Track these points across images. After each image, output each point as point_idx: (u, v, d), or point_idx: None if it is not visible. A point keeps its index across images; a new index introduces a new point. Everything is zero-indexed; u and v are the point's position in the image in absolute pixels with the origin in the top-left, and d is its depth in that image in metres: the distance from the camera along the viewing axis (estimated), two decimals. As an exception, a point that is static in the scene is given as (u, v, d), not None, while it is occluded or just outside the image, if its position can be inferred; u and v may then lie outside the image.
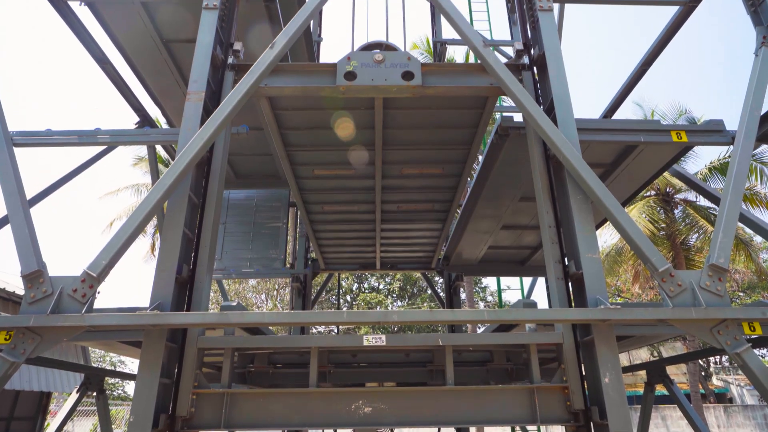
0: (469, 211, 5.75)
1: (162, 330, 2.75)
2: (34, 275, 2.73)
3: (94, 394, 4.79)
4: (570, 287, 3.12)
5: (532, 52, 3.93)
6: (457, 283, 8.36)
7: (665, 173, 4.94)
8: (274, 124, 4.36)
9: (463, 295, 16.00)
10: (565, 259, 3.21)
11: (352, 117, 4.35)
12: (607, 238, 18.07)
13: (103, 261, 2.73)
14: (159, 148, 10.16)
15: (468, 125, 4.51)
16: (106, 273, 2.75)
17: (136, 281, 72.14)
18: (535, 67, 3.88)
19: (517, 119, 4.14)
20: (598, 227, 6.17)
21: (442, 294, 10.51)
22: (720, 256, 2.91)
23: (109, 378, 5.37)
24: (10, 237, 2.91)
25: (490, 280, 27.77)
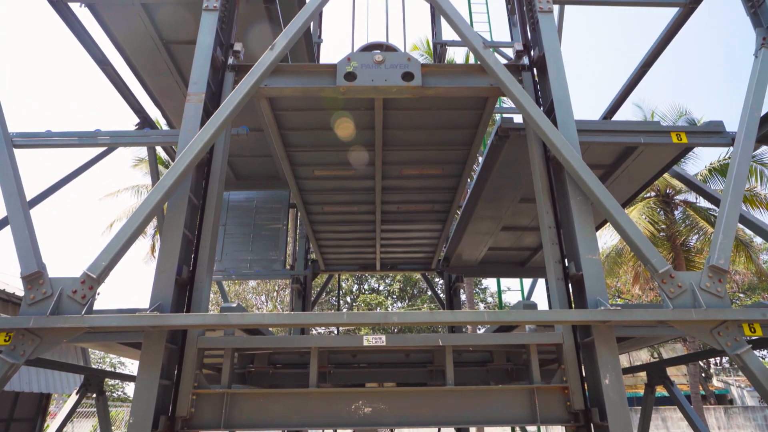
0: (469, 212, 5.75)
1: (162, 331, 2.75)
2: (33, 276, 2.73)
3: (94, 395, 4.79)
4: (570, 288, 3.12)
5: (532, 53, 3.93)
6: (457, 285, 8.36)
7: (665, 174, 4.94)
8: (274, 124, 4.36)
9: (463, 297, 16.01)
10: (565, 260, 3.22)
11: (352, 117, 4.35)
12: (607, 239, 18.07)
13: (103, 262, 2.74)
14: (159, 150, 10.16)
15: (468, 126, 4.51)
16: (106, 274, 2.75)
17: (136, 282, 72.16)
18: (535, 68, 3.88)
19: (517, 120, 4.14)
20: (598, 228, 6.17)
21: (442, 295, 10.52)
22: (720, 257, 2.91)
23: (108, 379, 5.36)
24: (10, 238, 2.91)
25: (490, 282, 27.78)
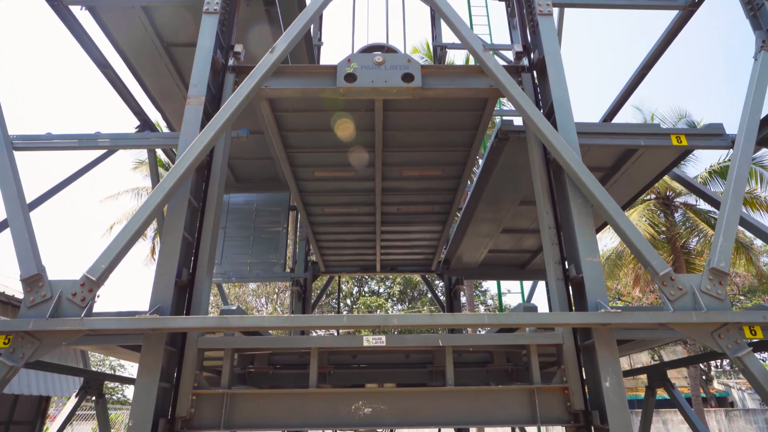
0: (469, 214, 5.75)
1: (161, 334, 2.74)
2: (33, 279, 2.72)
3: (93, 398, 4.78)
4: (570, 291, 3.12)
5: (531, 55, 3.94)
6: (458, 287, 8.35)
7: (665, 177, 4.94)
8: (274, 125, 4.36)
9: (463, 299, 15.98)
10: (566, 261, 3.21)
11: (352, 118, 4.35)
12: (607, 241, 18.04)
13: (103, 265, 2.73)
14: (159, 152, 10.16)
15: (468, 127, 4.52)
16: (106, 277, 2.74)
17: (136, 285, 72.11)
18: (534, 70, 3.89)
19: (517, 123, 4.15)
20: (598, 231, 6.17)
21: (442, 297, 10.50)
22: (720, 259, 2.90)
23: (108, 382, 5.35)
24: (10, 240, 2.91)
25: (490, 284, 27.76)
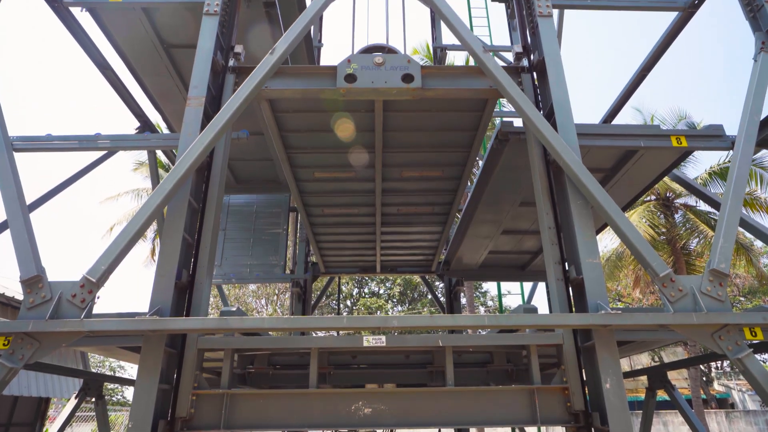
0: (470, 215, 5.75)
1: (161, 335, 2.74)
2: (33, 280, 2.72)
3: (93, 399, 4.78)
4: (571, 292, 3.12)
5: (531, 56, 3.94)
6: (458, 288, 8.35)
7: (665, 178, 4.94)
8: (274, 126, 4.37)
9: (463, 300, 15.97)
10: (566, 262, 3.21)
11: (352, 119, 4.36)
12: (607, 242, 18.03)
13: (103, 266, 2.73)
14: (159, 153, 10.16)
15: (468, 128, 4.52)
16: (106, 278, 2.74)
17: (136, 286, 72.08)
18: (534, 72, 3.89)
19: (517, 124, 4.15)
20: (598, 232, 6.17)
21: (442, 299, 10.48)
22: (721, 261, 2.90)
23: (108, 383, 5.35)
24: (10, 242, 2.91)
25: (490, 285, 27.76)
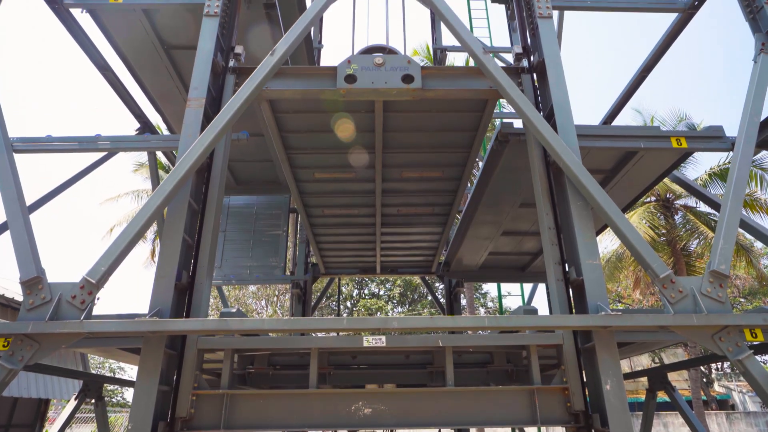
0: (470, 217, 5.75)
1: (161, 337, 2.74)
2: (32, 282, 2.72)
3: (93, 400, 4.77)
4: (571, 293, 3.11)
5: (531, 57, 3.94)
6: (458, 289, 8.35)
7: (665, 179, 4.94)
8: (274, 127, 4.37)
9: (463, 301, 15.95)
10: (566, 264, 3.21)
11: (352, 120, 4.36)
12: (607, 243, 18.03)
13: (102, 267, 2.73)
14: (160, 154, 10.16)
15: (468, 128, 4.52)
16: (105, 279, 2.74)
17: (136, 287, 72.03)
18: (534, 73, 3.89)
19: (516, 125, 4.15)
20: (598, 233, 6.17)
21: (442, 300, 10.48)
22: (721, 262, 2.90)
23: (107, 385, 5.34)
24: (10, 243, 2.91)
25: (490, 286, 27.78)
